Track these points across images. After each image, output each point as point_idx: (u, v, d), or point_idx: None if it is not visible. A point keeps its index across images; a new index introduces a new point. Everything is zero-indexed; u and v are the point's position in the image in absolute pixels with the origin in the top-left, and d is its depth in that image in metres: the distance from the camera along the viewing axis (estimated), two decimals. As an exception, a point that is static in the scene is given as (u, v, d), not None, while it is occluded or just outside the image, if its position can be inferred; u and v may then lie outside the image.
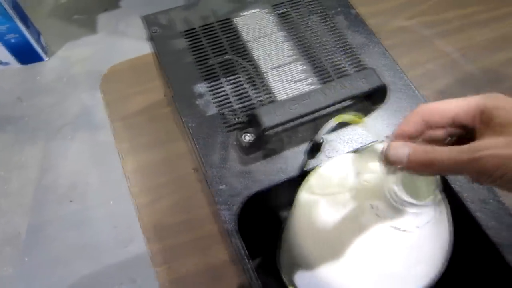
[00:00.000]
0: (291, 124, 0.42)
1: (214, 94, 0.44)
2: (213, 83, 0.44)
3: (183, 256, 0.49)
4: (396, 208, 0.27)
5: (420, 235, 0.28)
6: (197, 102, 0.43)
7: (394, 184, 0.26)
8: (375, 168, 0.29)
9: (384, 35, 0.70)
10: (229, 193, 0.38)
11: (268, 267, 0.46)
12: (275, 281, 0.46)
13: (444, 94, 0.66)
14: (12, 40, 1.30)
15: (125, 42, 0.85)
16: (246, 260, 0.35)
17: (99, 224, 1.19)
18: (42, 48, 1.42)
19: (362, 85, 0.39)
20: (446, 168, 0.23)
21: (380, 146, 0.32)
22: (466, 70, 0.67)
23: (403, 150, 0.25)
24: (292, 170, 0.39)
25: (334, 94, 0.39)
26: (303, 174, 0.38)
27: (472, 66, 0.67)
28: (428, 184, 0.27)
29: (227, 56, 0.46)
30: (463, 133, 0.25)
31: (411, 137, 0.26)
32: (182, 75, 0.45)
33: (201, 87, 0.44)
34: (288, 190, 0.39)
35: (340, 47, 0.48)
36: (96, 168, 1.24)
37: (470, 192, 0.38)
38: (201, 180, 0.51)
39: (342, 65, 0.46)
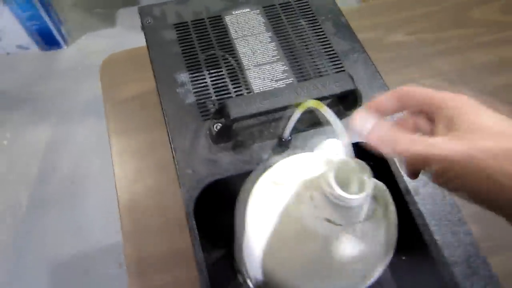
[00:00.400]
0: (263, 119, 0.43)
1: (195, 84, 0.46)
2: (195, 74, 0.46)
3: (153, 237, 0.51)
4: (329, 200, 0.28)
5: (357, 232, 0.29)
6: (178, 90, 0.45)
7: (329, 174, 0.27)
8: (326, 161, 0.30)
9: (381, 48, 0.71)
10: (193, 177, 0.40)
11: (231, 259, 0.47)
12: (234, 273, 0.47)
13: None
14: (34, 27, 1.37)
15: (142, 37, 0.89)
16: (197, 247, 0.36)
17: (95, 208, 1.23)
18: (62, 36, 1.48)
19: (334, 88, 0.40)
20: (401, 151, 0.24)
21: (333, 142, 0.33)
22: (460, 91, 0.67)
23: (368, 120, 0.26)
24: (256, 163, 0.41)
25: (305, 93, 0.40)
26: (267, 168, 0.40)
27: (467, 88, 0.67)
28: (362, 180, 0.27)
29: (213, 51, 0.48)
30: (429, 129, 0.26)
31: (383, 113, 0.27)
32: (167, 64, 0.47)
33: (184, 77, 0.46)
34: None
35: (324, 52, 0.49)
36: (100, 154, 1.29)
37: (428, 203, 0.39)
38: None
39: (324, 69, 0.48)
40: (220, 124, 0.41)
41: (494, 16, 0.77)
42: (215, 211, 0.44)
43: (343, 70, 0.48)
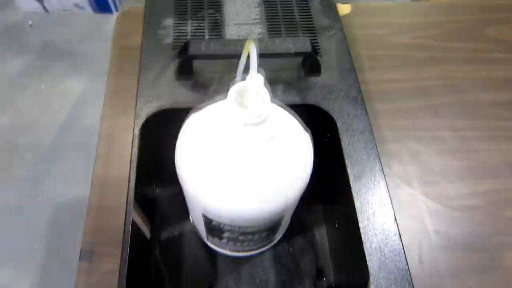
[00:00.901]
0: (225, 67, 0.47)
1: (176, 29, 0.51)
2: (179, 21, 0.51)
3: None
4: (230, 116, 0.31)
5: (253, 150, 0.32)
6: (159, 31, 0.50)
7: (230, 91, 0.31)
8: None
9: (383, 46, 0.72)
10: (148, 103, 0.44)
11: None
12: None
13: (399, 115, 0.67)
14: (91, -11, 1.49)
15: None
16: (132, 172, 0.41)
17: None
18: (114, 4, 1.60)
19: (290, 47, 0.44)
20: None
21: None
22: (442, 100, 0.67)
23: None
24: (210, 101, 0.45)
25: (263, 47, 0.44)
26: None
27: (459, 96, 0.67)
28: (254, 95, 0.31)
29: (201, 6, 0.53)
30: None
31: None
32: (158, 9, 0.52)
33: (168, 21, 0.51)
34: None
35: (303, 24, 0.52)
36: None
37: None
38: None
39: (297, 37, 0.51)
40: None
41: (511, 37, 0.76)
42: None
43: (316, 44, 0.51)
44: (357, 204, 0.39)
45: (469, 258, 0.51)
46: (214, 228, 0.41)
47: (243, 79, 0.32)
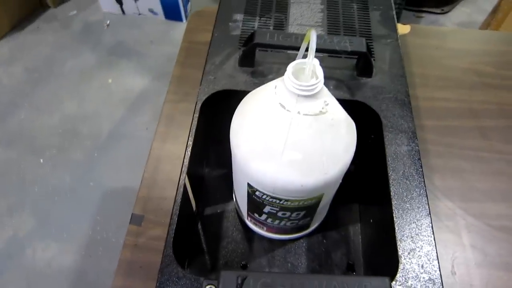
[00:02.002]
0: (285, 59, 0.51)
1: (245, 23, 0.56)
2: (249, 17, 0.57)
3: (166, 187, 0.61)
4: (285, 87, 0.35)
5: (299, 122, 0.35)
6: (230, 24, 0.56)
7: (288, 67, 0.35)
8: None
9: (437, 67, 0.74)
10: (211, 84, 0.49)
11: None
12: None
13: (442, 130, 0.68)
14: (167, -1, 1.62)
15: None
16: (188, 152, 0.46)
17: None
18: (185, 12, 1.72)
19: (347, 45, 0.47)
20: None
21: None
22: (492, 124, 0.67)
23: None
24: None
25: (321, 42, 0.48)
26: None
27: (502, 123, 0.66)
28: (309, 73, 0.34)
29: (269, 7, 0.58)
30: None
31: None
32: (232, 4, 0.58)
33: (239, 16, 0.57)
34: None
35: (360, 30, 0.56)
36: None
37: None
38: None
39: (354, 42, 0.54)
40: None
41: None
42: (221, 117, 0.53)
43: (371, 49, 0.54)
44: (394, 206, 0.41)
45: (506, 278, 0.51)
46: (255, 201, 0.44)
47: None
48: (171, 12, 1.75)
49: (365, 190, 0.54)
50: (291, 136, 0.36)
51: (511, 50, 0.77)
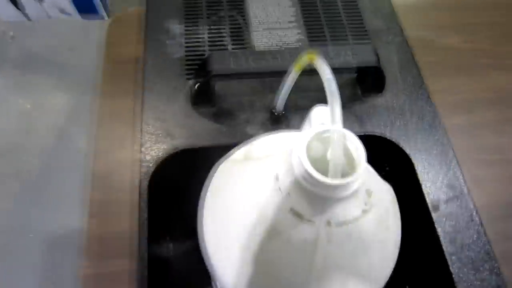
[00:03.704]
0: (257, 87, 0.35)
1: (189, 38, 0.38)
2: (192, 27, 0.39)
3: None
4: (298, 183, 0.19)
5: (333, 237, 0.20)
6: (167, 42, 0.38)
7: (301, 146, 0.19)
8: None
9: (429, 50, 0.60)
10: (158, 141, 0.32)
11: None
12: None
13: (463, 133, 0.56)
14: (78, -6, 1.36)
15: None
16: (142, 229, 0.29)
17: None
18: (105, 7, 1.47)
19: (350, 59, 0.32)
20: None
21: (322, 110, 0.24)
22: (508, 115, 0.55)
23: None
24: (238, 138, 0.33)
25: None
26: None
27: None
28: (351, 160, 0.19)
29: (219, 7, 0.41)
30: None
31: None
32: (163, 11, 0.40)
33: (178, 28, 0.39)
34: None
35: (352, 28, 0.40)
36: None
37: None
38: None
39: (347, 44, 0.39)
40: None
41: None
42: (181, 190, 0.36)
43: (371, 50, 0.39)
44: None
45: None
46: None
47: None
48: (87, 10, 1.47)
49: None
50: (319, 261, 0.20)
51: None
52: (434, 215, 0.30)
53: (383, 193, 0.23)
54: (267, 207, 0.21)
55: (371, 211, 0.21)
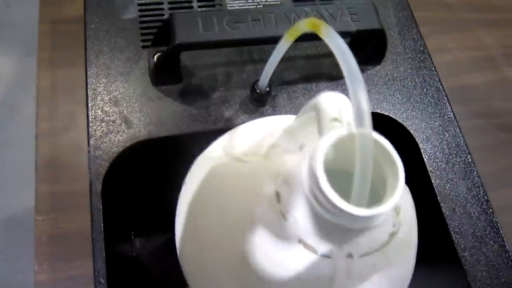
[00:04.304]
0: (234, 57, 0.28)
1: (143, -8, 0.30)
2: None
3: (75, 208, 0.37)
4: (312, 208, 0.13)
5: (352, 270, 0.15)
6: (114, -3, 0.30)
7: (317, 161, 0.13)
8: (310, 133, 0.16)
9: (418, 5, 0.55)
10: (112, 132, 0.25)
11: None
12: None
13: (461, 94, 0.52)
14: None
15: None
16: (96, 230, 0.22)
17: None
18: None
19: (349, 22, 0.26)
20: None
21: (335, 98, 0.18)
22: (502, 73, 0.52)
23: None
24: (215, 121, 0.26)
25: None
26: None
27: (510, 70, 0.52)
28: (383, 178, 0.13)
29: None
30: None
31: None
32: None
33: (128, -20, 0.31)
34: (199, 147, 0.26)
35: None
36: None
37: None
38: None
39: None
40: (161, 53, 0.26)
41: None
42: (144, 184, 0.30)
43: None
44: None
45: None
46: None
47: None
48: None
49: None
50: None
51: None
52: (442, 206, 0.26)
53: (407, 202, 0.18)
54: (265, 236, 0.15)
55: (399, 231, 0.16)
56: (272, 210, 0.15)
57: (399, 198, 0.13)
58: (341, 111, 0.16)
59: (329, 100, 0.17)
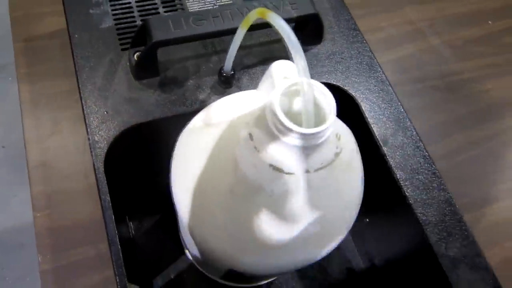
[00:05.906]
0: (200, 50, 0.34)
1: (115, 4, 0.35)
2: (116, -8, 0.36)
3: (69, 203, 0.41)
4: (276, 139, 0.19)
5: (312, 183, 0.21)
6: (91, 11, 0.35)
7: (274, 100, 0.19)
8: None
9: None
10: (105, 121, 0.30)
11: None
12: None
13: (398, 64, 0.59)
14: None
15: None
16: (107, 214, 0.27)
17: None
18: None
19: (290, 10, 0.32)
20: None
21: (283, 64, 0.24)
22: (429, 42, 0.61)
23: None
24: (191, 103, 0.32)
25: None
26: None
27: (437, 40, 0.61)
28: (321, 110, 0.19)
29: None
30: None
31: None
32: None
33: (100, -5, 0.36)
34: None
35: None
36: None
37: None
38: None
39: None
40: (140, 52, 0.31)
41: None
42: (136, 167, 0.35)
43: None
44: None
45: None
46: (230, 274, 0.30)
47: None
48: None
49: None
50: (300, 208, 0.21)
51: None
52: (384, 149, 0.33)
53: (347, 135, 0.24)
54: (245, 167, 0.21)
55: (342, 153, 0.22)
56: (248, 147, 0.21)
57: (333, 121, 0.19)
58: (289, 71, 0.22)
59: (279, 65, 0.23)
